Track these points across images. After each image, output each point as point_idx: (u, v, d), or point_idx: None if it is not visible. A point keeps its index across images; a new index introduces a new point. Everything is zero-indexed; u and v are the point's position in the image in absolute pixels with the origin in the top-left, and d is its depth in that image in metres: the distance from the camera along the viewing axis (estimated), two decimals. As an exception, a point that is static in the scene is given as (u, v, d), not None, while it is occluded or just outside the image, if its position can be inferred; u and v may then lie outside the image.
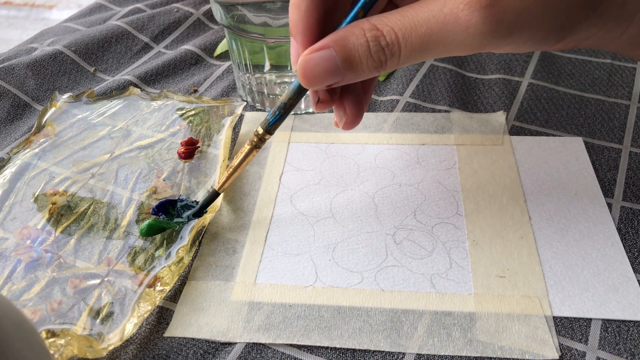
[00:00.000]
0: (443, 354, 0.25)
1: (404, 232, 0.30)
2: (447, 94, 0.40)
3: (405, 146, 0.36)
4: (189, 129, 0.36)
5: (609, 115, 0.37)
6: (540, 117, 0.38)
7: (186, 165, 0.34)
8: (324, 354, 0.25)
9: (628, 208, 0.31)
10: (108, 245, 0.29)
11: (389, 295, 0.27)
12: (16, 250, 0.29)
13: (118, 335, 0.25)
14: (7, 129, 0.39)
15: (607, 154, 0.35)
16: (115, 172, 0.33)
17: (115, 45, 0.47)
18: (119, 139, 0.36)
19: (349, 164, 0.35)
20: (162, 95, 0.39)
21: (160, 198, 0.32)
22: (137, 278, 0.27)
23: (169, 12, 0.50)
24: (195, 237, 0.29)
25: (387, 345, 0.25)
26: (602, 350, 0.25)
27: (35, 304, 0.26)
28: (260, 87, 0.39)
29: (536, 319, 0.26)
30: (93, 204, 0.31)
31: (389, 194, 0.33)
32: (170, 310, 0.27)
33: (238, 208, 0.32)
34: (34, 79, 0.43)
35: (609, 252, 0.29)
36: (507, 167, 0.34)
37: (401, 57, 0.26)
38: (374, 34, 0.25)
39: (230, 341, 0.26)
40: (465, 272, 0.28)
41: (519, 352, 0.25)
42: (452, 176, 0.34)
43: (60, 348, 0.24)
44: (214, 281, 0.28)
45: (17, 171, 0.33)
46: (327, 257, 0.29)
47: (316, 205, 0.32)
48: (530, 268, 0.28)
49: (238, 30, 0.36)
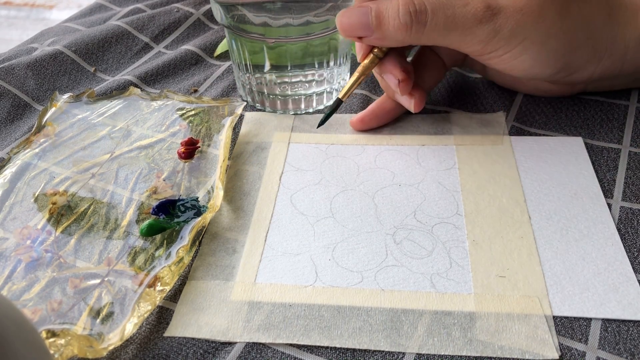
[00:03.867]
0: (443, 354, 0.25)
1: (403, 232, 0.30)
2: (447, 94, 0.40)
3: (405, 147, 0.36)
4: (189, 129, 0.36)
5: (608, 115, 0.37)
6: (540, 118, 0.38)
7: (186, 165, 0.34)
8: (324, 354, 0.25)
9: (627, 208, 0.31)
10: (108, 245, 0.29)
11: (389, 295, 0.27)
12: (16, 250, 0.29)
13: (118, 335, 0.25)
14: (7, 129, 0.39)
15: (607, 154, 0.35)
16: (116, 172, 0.33)
17: (115, 45, 0.47)
18: (119, 139, 0.36)
19: (349, 164, 0.35)
20: (162, 95, 0.39)
21: (161, 198, 0.32)
22: (137, 278, 0.27)
23: (169, 12, 0.50)
24: (195, 237, 0.29)
25: (387, 344, 0.25)
26: (602, 350, 0.25)
27: (36, 304, 0.26)
28: (260, 87, 0.39)
29: (536, 318, 0.26)
30: (93, 204, 0.32)
31: (389, 194, 0.33)
32: (170, 310, 0.27)
33: (238, 208, 0.32)
34: (34, 79, 0.43)
35: (608, 252, 0.29)
36: (507, 167, 0.34)
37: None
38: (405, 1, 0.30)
39: (230, 341, 0.26)
40: (465, 271, 0.28)
41: (519, 351, 0.25)
42: (452, 176, 0.34)
43: (60, 348, 0.24)
44: (213, 281, 0.28)
45: (17, 171, 0.33)
46: (327, 257, 0.29)
47: (316, 205, 0.32)
48: (530, 268, 0.28)
49: (238, 30, 0.36)
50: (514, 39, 0.31)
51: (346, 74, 0.40)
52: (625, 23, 0.33)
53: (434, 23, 0.30)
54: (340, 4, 0.35)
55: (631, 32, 0.34)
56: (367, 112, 0.37)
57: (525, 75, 0.35)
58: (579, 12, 0.32)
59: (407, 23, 0.30)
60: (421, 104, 0.34)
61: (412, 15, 0.30)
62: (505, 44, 0.31)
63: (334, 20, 0.35)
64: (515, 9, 0.30)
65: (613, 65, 0.35)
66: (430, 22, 0.30)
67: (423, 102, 0.34)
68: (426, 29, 0.31)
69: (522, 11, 0.30)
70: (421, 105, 0.34)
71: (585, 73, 0.34)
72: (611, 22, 0.33)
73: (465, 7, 0.30)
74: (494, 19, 0.30)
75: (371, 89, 0.41)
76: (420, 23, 0.30)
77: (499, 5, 0.30)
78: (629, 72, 0.36)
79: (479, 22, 0.30)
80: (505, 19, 0.30)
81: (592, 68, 0.34)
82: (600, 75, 0.35)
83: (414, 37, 0.31)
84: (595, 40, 0.33)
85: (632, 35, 0.34)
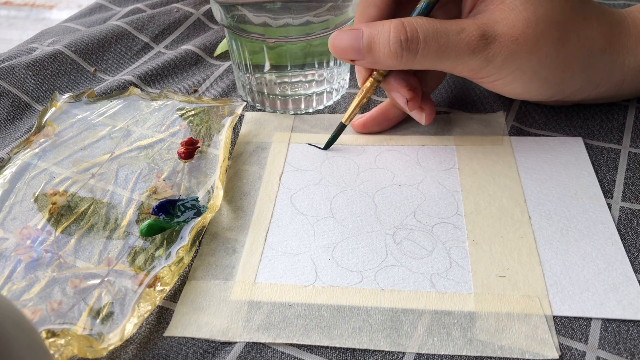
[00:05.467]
0: (443, 354, 0.25)
1: (403, 231, 0.30)
2: (446, 95, 0.40)
3: (405, 147, 0.36)
4: (189, 129, 0.36)
5: (607, 116, 0.37)
6: (540, 118, 0.38)
7: (186, 165, 0.34)
8: (324, 354, 0.25)
9: (627, 208, 0.31)
10: (108, 245, 0.29)
11: (389, 294, 0.27)
12: (16, 250, 0.29)
13: (118, 335, 0.25)
14: (7, 129, 0.39)
15: (606, 154, 0.35)
16: (115, 172, 0.33)
17: (115, 45, 0.47)
18: (119, 139, 0.36)
19: (349, 164, 0.35)
20: (162, 95, 0.39)
21: (160, 198, 0.32)
22: (137, 278, 0.27)
23: (169, 12, 0.50)
24: (195, 237, 0.29)
25: (387, 344, 0.25)
26: (602, 350, 0.25)
27: (35, 304, 0.26)
28: (260, 87, 0.39)
29: (536, 318, 0.26)
30: (93, 204, 0.32)
31: (389, 194, 0.33)
32: (170, 310, 0.27)
33: (238, 208, 0.32)
34: (34, 79, 0.43)
35: (608, 252, 0.29)
36: (507, 167, 0.34)
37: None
38: (397, 28, 0.30)
39: (230, 340, 0.26)
40: (465, 271, 0.28)
41: (519, 351, 0.25)
42: (452, 176, 0.34)
43: (60, 348, 0.24)
44: (213, 280, 0.28)
45: (17, 171, 0.33)
46: (327, 257, 0.29)
47: (316, 205, 0.32)
48: (530, 268, 0.28)
49: (238, 30, 0.36)
50: (506, 68, 0.30)
51: (346, 74, 0.40)
52: (626, 50, 0.32)
53: (425, 51, 0.30)
54: (340, 3, 0.35)
55: (632, 61, 0.33)
56: (370, 118, 0.36)
57: (517, 98, 0.35)
58: (577, 41, 0.31)
59: (398, 52, 0.30)
60: (431, 117, 0.34)
61: (403, 44, 0.29)
62: (496, 72, 0.31)
63: (334, 21, 0.35)
64: (511, 38, 0.29)
65: (608, 92, 0.34)
66: (422, 50, 0.30)
67: (433, 114, 0.34)
68: (417, 57, 0.30)
69: (517, 41, 0.29)
70: (432, 117, 0.34)
71: (578, 98, 0.34)
72: (611, 49, 0.32)
73: (460, 35, 0.29)
74: (487, 48, 0.29)
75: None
76: (412, 52, 0.30)
77: (495, 34, 0.29)
78: (624, 96, 0.36)
79: (472, 52, 0.29)
80: (499, 48, 0.29)
81: (586, 94, 0.34)
82: (594, 99, 0.35)
83: (405, 64, 0.30)
84: (591, 69, 0.32)
85: (632, 64, 0.33)
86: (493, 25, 0.30)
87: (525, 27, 0.29)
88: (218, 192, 0.32)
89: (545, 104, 0.38)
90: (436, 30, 0.29)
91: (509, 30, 0.29)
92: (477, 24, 0.30)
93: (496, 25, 0.30)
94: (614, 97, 0.36)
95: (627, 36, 0.32)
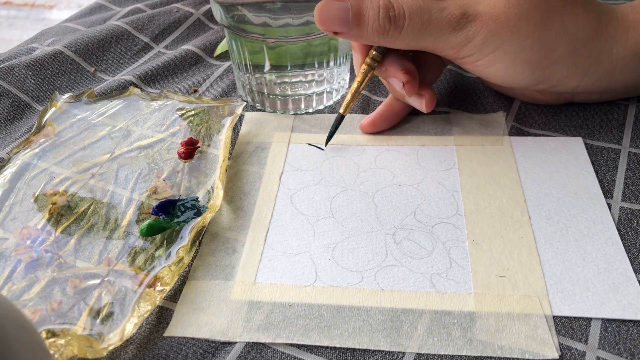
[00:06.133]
0: (443, 354, 0.25)
1: (403, 232, 0.30)
2: (447, 95, 0.40)
3: (405, 147, 0.36)
4: (189, 129, 0.36)
5: (607, 116, 0.37)
6: (540, 118, 0.38)
7: (186, 165, 0.34)
8: (324, 354, 0.25)
9: (627, 209, 0.31)
10: (108, 245, 0.29)
11: (389, 294, 0.27)
12: (16, 250, 0.29)
13: (118, 335, 0.25)
14: (7, 129, 0.39)
15: (606, 154, 0.35)
16: (115, 172, 0.33)
17: (115, 45, 0.47)
18: (119, 139, 0.36)
19: (349, 164, 0.35)
20: (162, 96, 0.39)
21: (160, 198, 0.32)
22: (137, 278, 0.27)
23: (169, 12, 0.50)
24: (195, 237, 0.29)
25: (386, 344, 0.25)
26: (602, 350, 0.25)
27: (36, 304, 0.26)
28: (260, 87, 0.39)
29: (536, 318, 0.26)
30: (93, 204, 0.32)
31: (389, 194, 0.33)
32: (170, 310, 0.27)
33: (238, 208, 0.32)
34: (34, 79, 0.43)
35: (608, 252, 0.29)
36: (507, 167, 0.34)
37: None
38: (386, 4, 0.30)
39: (230, 340, 0.26)
40: (465, 271, 0.28)
41: (519, 351, 0.25)
42: (452, 176, 0.34)
43: (60, 348, 0.24)
44: (213, 281, 0.28)
45: (17, 171, 0.33)
46: (327, 257, 0.29)
47: (316, 205, 0.32)
48: (530, 268, 0.28)
49: (238, 30, 0.36)
50: (486, 47, 0.30)
51: (346, 74, 0.40)
52: (614, 39, 0.32)
53: (409, 28, 0.30)
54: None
55: (620, 50, 0.32)
56: (377, 115, 0.36)
57: (502, 84, 0.35)
58: (561, 25, 0.31)
59: (386, 27, 0.30)
60: (432, 103, 0.34)
61: (392, 20, 0.30)
62: (477, 52, 0.31)
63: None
64: (492, 17, 0.30)
65: (599, 81, 0.34)
66: (407, 27, 0.30)
67: (434, 100, 0.34)
68: (401, 34, 0.30)
69: (497, 20, 0.30)
70: (433, 104, 0.34)
71: (567, 86, 0.34)
72: (598, 37, 0.32)
73: (442, 13, 0.30)
74: (468, 26, 0.30)
75: (371, 89, 0.41)
76: (397, 28, 0.30)
77: (476, 12, 0.30)
78: (617, 89, 0.35)
79: (453, 30, 0.30)
80: (479, 26, 0.30)
81: (574, 82, 0.33)
82: (585, 89, 0.34)
83: (388, 40, 0.31)
84: (577, 55, 0.32)
85: (620, 53, 0.32)
86: (475, 5, 0.30)
87: (506, 7, 0.30)
88: (218, 192, 0.32)
89: (542, 102, 0.38)
90: (420, 7, 0.30)
91: (490, 9, 0.30)
92: (458, 4, 0.30)
93: (478, 5, 0.30)
94: (608, 90, 0.35)
95: (614, 26, 0.32)
